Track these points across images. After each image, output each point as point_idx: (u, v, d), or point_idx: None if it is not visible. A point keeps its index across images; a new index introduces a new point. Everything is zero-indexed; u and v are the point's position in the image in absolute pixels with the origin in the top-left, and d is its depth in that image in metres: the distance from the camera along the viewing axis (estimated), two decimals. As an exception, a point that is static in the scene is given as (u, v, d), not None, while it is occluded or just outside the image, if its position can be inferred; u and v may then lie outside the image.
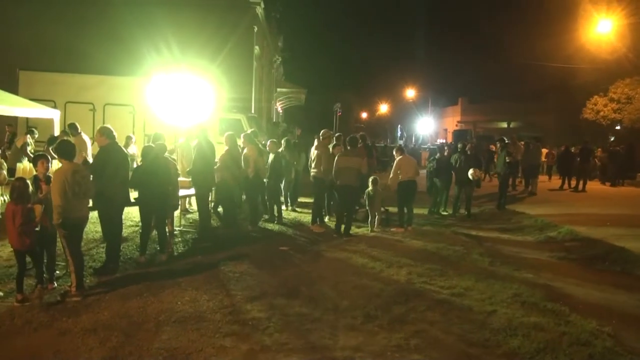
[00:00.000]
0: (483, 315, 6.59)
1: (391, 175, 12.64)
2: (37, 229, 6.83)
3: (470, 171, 13.91)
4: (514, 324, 6.26)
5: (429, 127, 62.33)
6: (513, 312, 6.69)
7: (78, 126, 13.31)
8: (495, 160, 20.76)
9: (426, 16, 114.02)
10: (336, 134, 13.45)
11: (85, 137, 13.45)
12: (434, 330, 6.10)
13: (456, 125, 57.50)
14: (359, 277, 8.22)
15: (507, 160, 15.79)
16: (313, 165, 12.24)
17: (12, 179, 11.21)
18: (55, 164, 8.04)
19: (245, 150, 11.75)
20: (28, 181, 6.87)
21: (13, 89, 16.48)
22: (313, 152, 12.56)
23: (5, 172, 10.67)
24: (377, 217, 12.09)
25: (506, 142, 17.53)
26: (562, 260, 9.93)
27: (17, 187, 6.65)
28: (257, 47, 28.85)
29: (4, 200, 8.49)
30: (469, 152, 14.61)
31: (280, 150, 13.74)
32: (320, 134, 12.34)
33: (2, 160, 11.17)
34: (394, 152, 13.59)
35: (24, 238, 6.58)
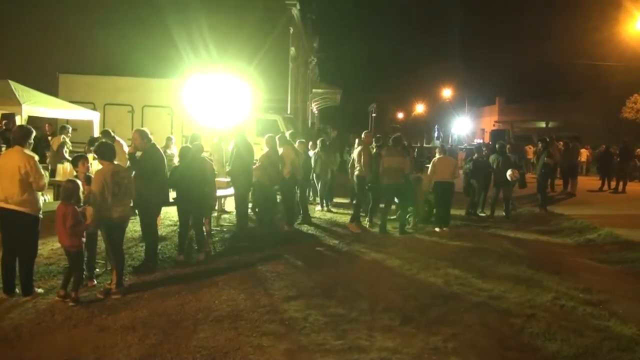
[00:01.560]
0: (521, 318, 6.51)
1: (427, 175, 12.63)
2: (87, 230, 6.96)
3: (509, 172, 13.70)
4: (553, 328, 6.17)
5: (465, 127, 61.70)
6: (552, 316, 6.60)
7: (111, 132, 12.68)
8: (536, 161, 20.45)
9: (463, 15, 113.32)
10: (376, 135, 13.53)
11: (122, 142, 13.07)
12: (472, 333, 6.03)
13: (493, 125, 56.80)
14: (395, 278, 8.21)
15: (544, 161, 15.53)
16: (356, 164, 12.16)
17: (53, 179, 11.49)
18: (96, 164, 8.18)
19: (281, 151, 11.81)
20: (79, 182, 6.96)
21: (53, 91, 16.91)
22: (355, 153, 12.55)
23: (47, 173, 10.92)
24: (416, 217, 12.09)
25: (548, 141, 17.26)
26: (602, 263, 9.75)
27: (66, 189, 6.75)
28: (293, 48, 29.04)
29: (45, 200, 8.66)
30: (507, 153, 14.40)
31: (316, 151, 13.85)
32: (363, 135, 12.37)
33: (46, 164, 11.45)
34: (436, 152, 13.51)
35: (74, 239, 6.68)
